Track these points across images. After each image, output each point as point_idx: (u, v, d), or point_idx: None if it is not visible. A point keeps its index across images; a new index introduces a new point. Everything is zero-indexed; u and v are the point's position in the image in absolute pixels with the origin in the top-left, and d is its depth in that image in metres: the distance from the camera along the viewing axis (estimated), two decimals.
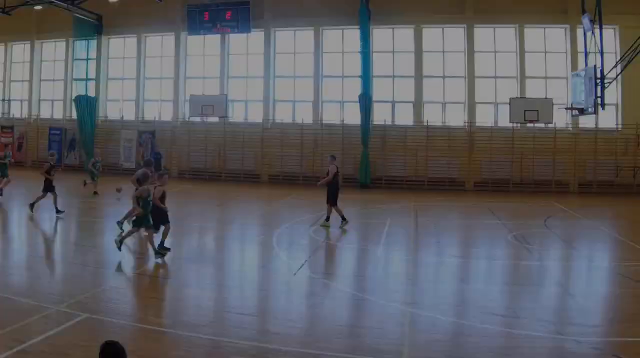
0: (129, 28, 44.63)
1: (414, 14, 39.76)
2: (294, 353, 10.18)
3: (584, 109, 30.82)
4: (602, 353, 10.30)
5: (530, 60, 39.31)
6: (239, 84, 43.38)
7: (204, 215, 26.71)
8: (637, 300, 13.74)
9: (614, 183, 37.59)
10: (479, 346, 10.67)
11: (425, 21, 40.13)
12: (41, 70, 48.61)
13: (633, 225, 26.68)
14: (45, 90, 48.58)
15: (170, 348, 10.35)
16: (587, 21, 30.81)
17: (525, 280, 15.91)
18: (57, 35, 46.45)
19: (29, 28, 47.10)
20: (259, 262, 18.09)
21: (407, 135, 39.91)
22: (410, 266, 17.44)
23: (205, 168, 42.52)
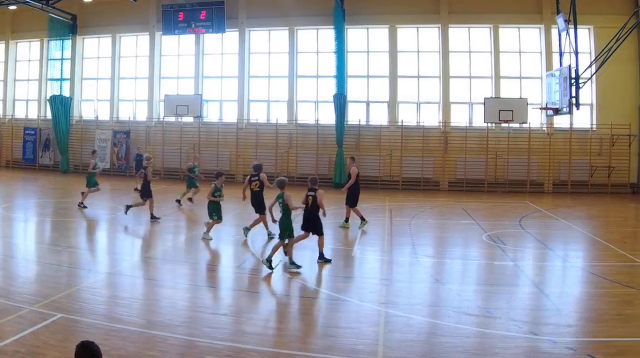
0: (104, 28, 42.48)
1: (389, 14, 38.09)
2: (269, 353, 9.97)
3: (558, 108, 30.03)
4: (576, 353, 10.02)
5: (504, 61, 37.68)
6: (213, 84, 41.43)
7: (178, 215, 25.71)
8: (612, 299, 13.41)
9: (588, 183, 36.24)
10: (453, 346, 10.44)
11: (399, 21, 38.40)
12: (16, 70, 46.25)
13: (607, 225, 26.04)
14: (19, 90, 46.29)
15: (145, 348, 9.97)
16: (561, 21, 29.91)
17: (500, 280, 15.48)
18: (31, 35, 44.26)
19: (3, 28, 44.86)
20: (233, 261, 17.62)
21: (381, 135, 38.19)
22: (385, 266, 16.87)
23: (180, 168, 39.92)
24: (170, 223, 23.66)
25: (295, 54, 39.82)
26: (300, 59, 40.01)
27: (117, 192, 33.50)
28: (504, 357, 10.03)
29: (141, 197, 23.67)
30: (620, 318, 12.01)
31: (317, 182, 17.13)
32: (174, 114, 40.01)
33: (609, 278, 15.18)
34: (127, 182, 37.11)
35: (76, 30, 42.90)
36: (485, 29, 38.03)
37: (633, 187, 36.33)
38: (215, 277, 15.94)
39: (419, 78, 38.64)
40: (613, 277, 15.25)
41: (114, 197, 31.88)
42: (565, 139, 36.59)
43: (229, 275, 16.04)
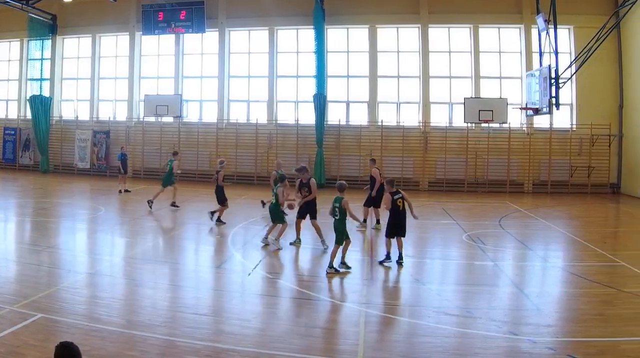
0: (84, 28, 40.63)
1: (369, 14, 36.72)
2: (249, 354, 9.59)
3: (538, 108, 29.17)
4: (556, 353, 9.69)
5: (484, 61, 36.37)
6: (193, 84, 39.73)
7: (158, 215, 24.40)
8: (591, 299, 12.99)
9: (568, 183, 35.07)
10: (434, 346, 10.08)
11: (379, 21, 36.92)
12: None
13: (587, 225, 25.23)
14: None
15: (125, 348, 9.59)
16: (541, 21, 28.96)
17: (480, 281, 14.91)
18: (11, 35, 42.20)
19: None
20: (213, 262, 16.89)
21: (361, 135, 36.78)
22: (365, 266, 16.16)
23: (159, 168, 38.14)
24: (150, 223, 22.73)
25: (275, 54, 38.29)
26: (280, 59, 38.47)
27: (97, 192, 32.16)
28: (484, 357, 9.72)
29: (219, 202, 22.53)
30: (600, 318, 11.64)
31: (393, 183, 16.35)
32: (153, 113, 38.37)
33: (589, 278, 14.69)
34: (107, 182, 35.76)
35: (56, 30, 41.08)
36: (465, 29, 36.71)
37: (613, 187, 35.26)
38: (196, 277, 15.27)
39: (398, 78, 37.20)
40: (593, 277, 14.74)
41: (94, 197, 30.68)
42: (545, 139, 35.36)
43: (209, 275, 15.41)
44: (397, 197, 15.98)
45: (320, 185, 35.05)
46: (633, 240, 21.42)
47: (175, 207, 25.37)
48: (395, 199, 15.94)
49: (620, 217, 28.93)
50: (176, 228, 21.82)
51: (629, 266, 15.87)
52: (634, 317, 11.57)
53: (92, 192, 32.15)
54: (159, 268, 15.60)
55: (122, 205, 27.59)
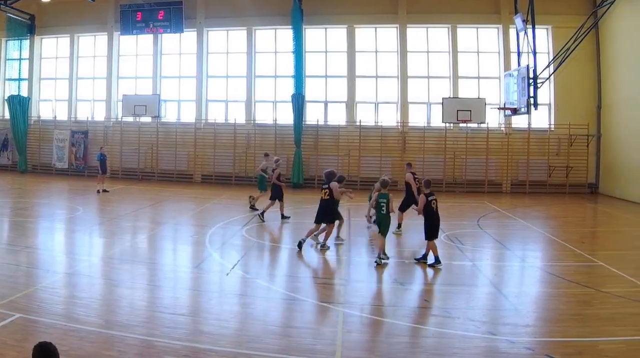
0: (62, 28, 38.52)
1: (347, 14, 35.00)
2: (226, 353, 9.26)
3: (516, 108, 28.02)
4: (534, 353, 9.41)
5: (463, 61, 34.75)
6: (171, 84, 37.75)
7: (136, 215, 23.76)
8: (570, 299, 12.54)
9: (546, 183, 33.56)
10: (412, 346, 9.91)
11: (357, 21, 35.23)
12: None
13: (565, 225, 24.25)
14: None
15: (103, 348, 9.26)
16: (519, 21, 27.85)
17: (458, 280, 14.39)
18: None
19: None
20: (191, 261, 16.21)
21: (339, 135, 35.03)
22: (343, 266, 15.83)
23: (138, 168, 36.98)
24: (128, 223, 21.57)
25: (254, 54, 36.43)
26: (258, 59, 36.63)
27: (75, 192, 30.75)
28: (462, 357, 9.39)
29: (272, 198, 22.21)
30: (578, 318, 11.22)
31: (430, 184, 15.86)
32: (132, 114, 36.43)
33: (567, 278, 14.16)
34: (85, 182, 34.08)
35: (34, 30, 38.90)
36: (443, 29, 35.04)
37: (591, 187, 33.89)
38: (174, 277, 14.61)
39: (377, 78, 35.48)
40: (571, 277, 14.21)
41: (72, 197, 29.33)
42: (524, 139, 33.91)
43: (187, 275, 14.69)
44: (431, 198, 15.42)
45: (298, 185, 33.94)
46: (611, 240, 20.77)
47: (254, 210, 24.09)
48: (429, 201, 15.40)
49: (598, 217, 27.76)
50: (154, 228, 20.82)
51: (607, 266, 15.28)
52: (612, 317, 11.15)
53: (71, 192, 30.82)
54: (137, 268, 14.94)
55: (101, 205, 26.37)
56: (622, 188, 31.06)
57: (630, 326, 10.73)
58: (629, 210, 27.32)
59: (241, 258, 15.85)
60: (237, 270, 14.65)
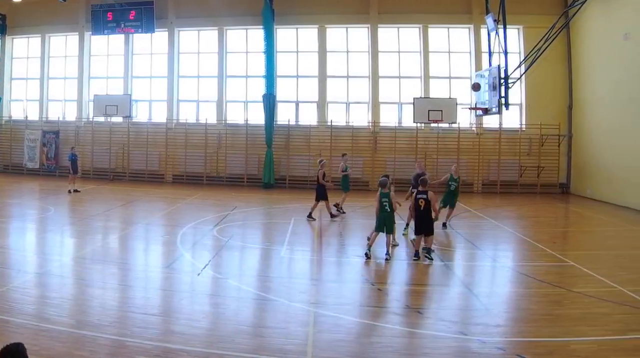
0: (33, 28, 36.03)
1: (318, 14, 32.89)
2: (198, 353, 8.67)
3: (487, 108, 26.52)
4: (505, 353, 8.84)
5: (434, 61, 32.74)
6: (142, 84, 35.38)
7: (108, 215, 22.40)
8: (541, 299, 11.95)
9: (517, 183, 31.68)
10: (383, 346, 9.17)
11: (329, 21, 33.09)
12: None
13: (537, 224, 23.06)
14: None
15: (74, 348, 8.65)
16: (491, 21, 26.19)
17: (429, 280, 13.78)
18: None
19: None
20: (163, 262, 15.22)
21: (311, 135, 32.92)
22: (314, 266, 15.01)
23: (109, 168, 34.66)
24: (99, 223, 20.40)
25: (225, 54, 34.15)
26: (229, 59, 34.33)
27: (46, 192, 29.00)
28: (433, 357, 8.90)
29: (317, 198, 21.53)
30: (549, 318, 10.63)
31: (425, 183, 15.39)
32: (103, 114, 34.03)
33: (539, 278, 13.43)
34: (56, 182, 32.01)
35: (5, 30, 36.35)
36: (414, 29, 32.94)
37: (562, 186, 32.04)
38: (145, 277, 13.82)
39: (348, 78, 33.31)
40: (542, 277, 13.48)
41: (43, 197, 27.62)
42: (495, 139, 31.97)
43: (159, 275, 13.76)
44: (419, 196, 15.07)
45: (269, 185, 31.86)
46: (582, 240, 19.84)
47: (339, 212, 22.81)
48: (417, 198, 15.12)
49: (569, 217, 26.22)
50: (125, 228, 19.71)
51: (578, 266, 14.50)
52: (583, 317, 10.59)
53: (42, 192, 29.09)
54: (109, 268, 14.09)
55: (72, 205, 24.88)
56: (594, 188, 29.44)
57: (601, 326, 10.09)
58: (600, 210, 25.85)
59: (212, 259, 15.03)
60: (208, 270, 13.85)
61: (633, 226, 21.69)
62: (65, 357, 8.48)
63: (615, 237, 19.50)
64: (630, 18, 26.21)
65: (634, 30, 25.87)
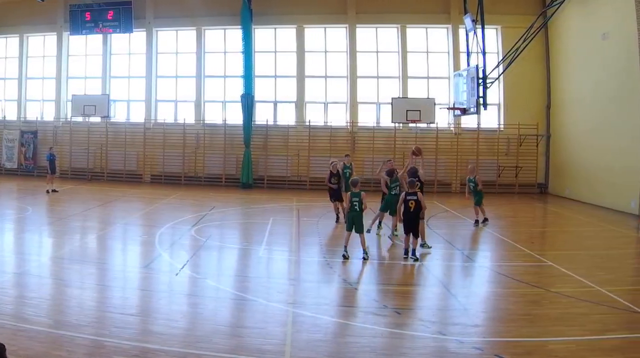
0: (11, 28, 33.91)
1: (296, 14, 31.15)
2: (176, 353, 8.18)
3: (466, 108, 25.07)
4: (483, 353, 8.39)
5: (412, 61, 31.04)
6: (121, 84, 33.41)
7: (86, 215, 21.27)
8: (519, 299, 11.38)
9: (496, 183, 29.85)
10: (361, 346, 8.67)
11: (307, 21, 31.37)
12: None
13: (515, 224, 22.09)
14: None
15: (52, 348, 8.17)
16: (469, 21, 24.74)
17: (408, 280, 13.18)
18: None
19: None
20: (141, 262, 14.53)
21: (289, 135, 31.16)
22: (292, 266, 14.21)
23: (87, 168, 32.71)
24: (77, 223, 19.47)
25: (203, 54, 32.26)
26: (207, 59, 32.44)
27: (24, 192, 27.68)
28: (411, 357, 8.37)
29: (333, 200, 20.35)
30: (527, 318, 10.15)
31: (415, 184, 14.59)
32: (81, 114, 32.06)
33: (517, 278, 12.92)
34: (34, 182, 30.20)
35: None
36: (392, 29, 31.27)
37: (540, 186, 30.50)
38: (123, 277, 13.02)
39: (326, 78, 31.55)
40: (520, 277, 12.95)
41: (21, 197, 26.31)
42: (473, 139, 30.34)
43: (137, 275, 13.13)
44: (409, 198, 14.32)
45: (247, 185, 30.20)
46: (560, 240, 18.94)
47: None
48: (407, 200, 14.32)
49: (547, 217, 24.99)
50: (104, 228, 18.66)
51: (556, 266, 13.84)
52: (561, 317, 10.13)
53: (20, 192, 27.63)
54: (87, 268, 13.33)
55: (50, 205, 23.74)
56: (572, 188, 27.93)
57: (579, 326, 9.64)
58: (578, 210, 24.57)
59: (190, 259, 14.28)
60: (186, 270, 13.16)
61: (611, 226, 20.55)
62: (44, 357, 8.05)
63: (593, 237, 18.57)
64: (608, 18, 24.94)
65: (612, 30, 24.63)
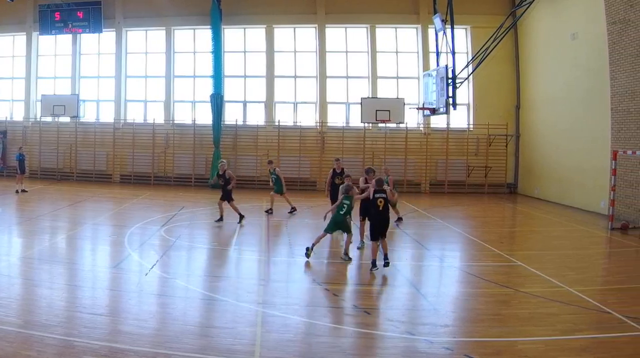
0: None
1: (266, 14, 28.81)
2: (145, 353, 7.63)
3: (435, 108, 23.25)
4: (453, 353, 7.88)
5: (381, 61, 28.85)
6: (90, 84, 30.80)
7: (55, 215, 19.90)
8: (488, 300, 10.57)
9: (465, 183, 27.88)
10: (331, 346, 8.15)
11: (276, 21, 29.03)
12: None
13: (484, 224, 20.70)
14: None
15: (22, 348, 7.61)
16: (438, 21, 22.86)
17: (377, 280, 11.93)
18: None
19: None
20: (110, 262, 13.44)
21: (258, 135, 28.73)
22: (262, 266, 13.22)
23: (56, 168, 30.13)
24: (47, 223, 18.14)
25: (173, 54, 29.76)
26: (177, 59, 29.96)
27: None
28: (381, 357, 7.94)
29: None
30: (496, 318, 9.46)
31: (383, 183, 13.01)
32: (50, 113, 29.54)
33: (486, 278, 12.12)
34: (3, 182, 27.89)
35: None
36: (362, 29, 28.99)
37: (510, 186, 28.39)
38: (93, 277, 12.10)
39: (295, 78, 29.23)
40: (490, 277, 12.18)
41: None
42: (442, 139, 28.19)
43: (106, 275, 12.12)
44: (378, 196, 12.82)
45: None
46: (530, 240, 18.03)
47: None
48: (376, 198, 12.79)
49: (517, 217, 23.21)
50: (73, 228, 17.50)
51: (525, 266, 13.09)
52: (531, 317, 9.46)
53: None
54: (56, 268, 12.47)
55: (19, 205, 22.09)
56: (541, 188, 25.96)
57: (549, 326, 9.06)
58: (548, 210, 23.01)
59: (160, 259, 13.38)
60: (156, 270, 12.33)
61: (581, 226, 19.22)
62: (13, 357, 7.52)
63: (563, 237, 17.45)
64: (577, 18, 23.15)
65: (581, 31, 22.85)
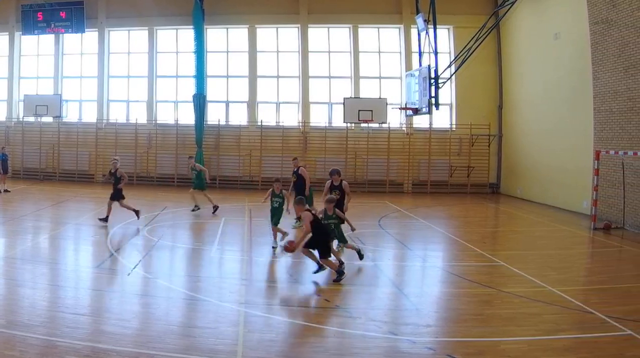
0: None
1: (248, 14, 27.63)
2: (128, 353, 7.21)
3: (418, 108, 22.30)
4: (435, 353, 7.50)
5: (364, 61, 27.72)
6: (73, 84, 29.52)
7: (38, 215, 19.17)
8: (471, 299, 10.08)
9: (447, 183, 26.81)
10: (313, 346, 7.81)
11: (259, 21, 27.84)
12: None
13: (467, 224, 20.09)
14: None
15: (4, 348, 7.21)
16: (421, 21, 21.90)
17: (359, 280, 11.41)
18: None
19: None
20: (93, 262, 12.69)
21: (241, 135, 27.56)
22: (244, 266, 12.53)
23: (39, 168, 28.86)
24: (29, 223, 17.40)
25: (155, 54, 28.49)
26: (160, 59, 28.69)
27: None
28: (363, 357, 7.38)
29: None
30: (479, 318, 9.01)
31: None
32: (33, 114, 28.27)
33: (469, 278, 11.50)
34: None
35: None
36: (344, 29, 27.85)
37: (492, 186, 27.32)
38: (75, 277, 11.33)
39: (278, 78, 28.03)
40: (472, 277, 11.54)
41: None
42: (425, 139, 27.08)
43: (89, 275, 11.40)
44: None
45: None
46: (512, 240, 17.42)
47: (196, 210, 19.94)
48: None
49: (499, 217, 22.42)
50: (56, 228, 16.87)
51: (508, 266, 12.48)
52: (513, 317, 8.99)
53: None
54: (39, 268, 11.78)
55: (2, 205, 21.22)
56: (524, 188, 24.90)
57: (531, 326, 8.52)
58: (530, 210, 22.12)
59: (142, 259, 12.93)
60: (138, 270, 11.83)
61: (563, 226, 18.50)
62: None
63: (544, 237, 16.90)
64: (560, 18, 22.20)
65: (564, 30, 21.90)
